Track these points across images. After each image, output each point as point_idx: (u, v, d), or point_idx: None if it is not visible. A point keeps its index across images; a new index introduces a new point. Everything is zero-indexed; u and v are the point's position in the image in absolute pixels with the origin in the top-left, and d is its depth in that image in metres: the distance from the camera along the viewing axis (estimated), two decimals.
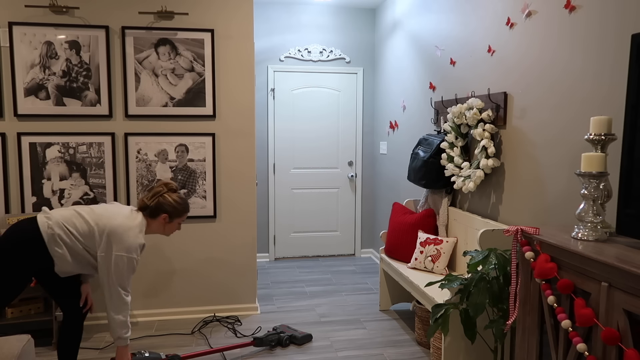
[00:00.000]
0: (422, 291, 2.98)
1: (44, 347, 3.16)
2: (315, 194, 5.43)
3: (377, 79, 5.32)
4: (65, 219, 2.36)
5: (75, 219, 2.38)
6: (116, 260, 2.34)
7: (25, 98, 3.38)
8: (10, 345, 2.06)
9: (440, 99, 3.66)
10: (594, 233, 1.74)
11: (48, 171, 3.45)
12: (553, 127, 2.44)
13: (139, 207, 2.54)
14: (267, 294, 4.25)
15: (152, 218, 2.54)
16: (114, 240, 2.35)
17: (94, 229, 2.37)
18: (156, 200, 2.52)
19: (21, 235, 2.31)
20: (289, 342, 3.23)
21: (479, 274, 2.29)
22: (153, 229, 2.57)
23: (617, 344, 1.43)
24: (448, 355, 2.67)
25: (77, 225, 2.36)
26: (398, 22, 4.60)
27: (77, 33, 3.40)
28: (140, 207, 2.54)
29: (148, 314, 3.66)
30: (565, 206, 2.35)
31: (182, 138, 3.60)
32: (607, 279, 1.49)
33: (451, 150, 3.23)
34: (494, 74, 2.95)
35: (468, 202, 3.31)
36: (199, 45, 3.55)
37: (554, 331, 1.75)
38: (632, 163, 1.63)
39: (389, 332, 3.46)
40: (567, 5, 2.32)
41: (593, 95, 2.17)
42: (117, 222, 2.39)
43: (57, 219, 2.34)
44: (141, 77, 3.51)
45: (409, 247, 3.55)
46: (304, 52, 5.23)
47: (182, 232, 3.67)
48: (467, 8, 3.26)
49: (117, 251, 2.34)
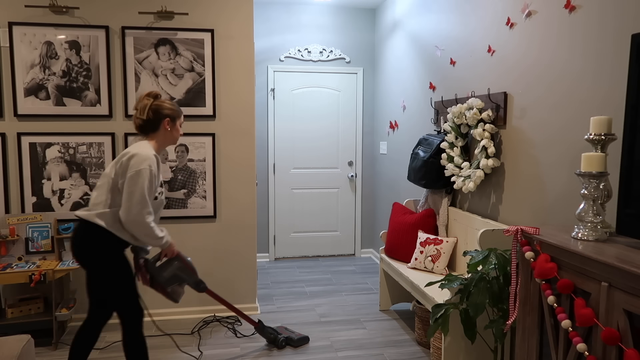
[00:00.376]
0: (422, 291, 2.98)
1: (44, 347, 3.16)
2: (315, 194, 5.43)
3: (377, 79, 5.32)
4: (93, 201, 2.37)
5: (95, 194, 2.37)
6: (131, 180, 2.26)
7: (25, 98, 3.38)
8: (10, 345, 2.06)
9: (440, 99, 3.66)
10: (594, 233, 1.74)
11: (48, 171, 3.46)
12: (553, 127, 2.44)
13: (137, 127, 2.44)
14: (267, 294, 4.25)
15: (155, 131, 2.44)
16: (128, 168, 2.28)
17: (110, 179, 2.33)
18: (150, 111, 2.40)
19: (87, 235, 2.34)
20: (284, 344, 3.21)
21: (479, 274, 2.29)
22: (160, 142, 2.47)
23: (617, 344, 1.43)
24: (448, 355, 2.67)
25: (98, 194, 2.35)
26: (398, 22, 4.60)
27: (77, 33, 3.40)
28: (138, 128, 2.44)
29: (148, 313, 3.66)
30: (565, 206, 2.35)
31: (182, 138, 3.60)
32: (607, 279, 1.49)
33: (451, 150, 3.23)
34: (494, 74, 2.95)
35: (468, 202, 3.31)
36: (199, 45, 3.55)
37: (554, 331, 1.75)
38: (632, 163, 1.63)
39: (389, 332, 3.46)
40: (567, 5, 2.32)
41: (593, 95, 2.17)
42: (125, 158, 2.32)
43: (91, 205, 2.36)
44: (141, 77, 3.51)
45: (409, 247, 3.54)
46: (304, 52, 5.23)
47: (182, 232, 3.67)
48: (467, 8, 3.26)
49: (130, 172, 2.27)
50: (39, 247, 3.34)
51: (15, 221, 3.31)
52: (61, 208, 3.48)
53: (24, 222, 3.33)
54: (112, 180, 2.33)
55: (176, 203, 3.63)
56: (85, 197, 3.51)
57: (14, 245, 3.32)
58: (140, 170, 2.28)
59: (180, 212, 3.64)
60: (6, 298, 3.32)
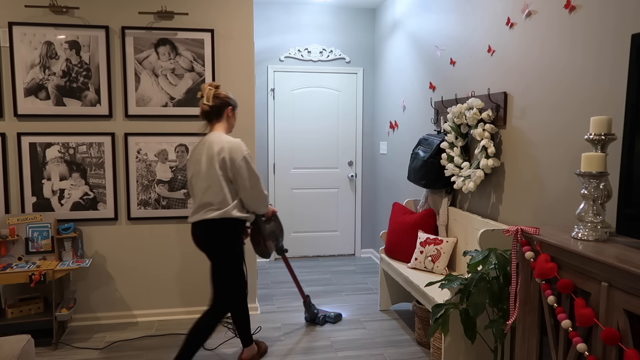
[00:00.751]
0: (422, 291, 2.98)
1: (44, 347, 3.16)
2: (315, 194, 5.43)
3: (377, 79, 5.32)
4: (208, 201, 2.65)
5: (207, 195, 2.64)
6: (243, 168, 2.62)
7: (25, 98, 3.38)
8: (10, 345, 2.06)
9: (440, 99, 3.66)
10: (594, 233, 1.74)
11: (48, 171, 3.45)
12: (553, 127, 2.44)
13: (203, 113, 2.73)
14: (267, 294, 4.25)
15: (219, 118, 2.74)
16: (233, 161, 2.61)
17: (218, 177, 2.61)
18: (216, 99, 2.70)
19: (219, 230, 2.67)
20: (324, 321, 3.59)
21: (479, 274, 2.29)
22: (225, 129, 2.76)
23: (617, 344, 1.43)
24: (448, 355, 2.67)
25: (213, 193, 2.63)
26: (398, 22, 4.60)
27: (77, 33, 3.40)
28: (204, 114, 2.73)
29: (148, 314, 3.66)
30: (565, 206, 2.35)
31: (182, 138, 3.60)
32: (607, 279, 1.49)
33: (451, 150, 3.23)
34: (494, 74, 2.95)
35: (468, 202, 3.31)
36: (199, 45, 3.55)
37: (554, 331, 1.75)
38: (632, 163, 1.63)
39: (389, 332, 3.46)
40: (567, 5, 2.32)
41: (593, 95, 2.17)
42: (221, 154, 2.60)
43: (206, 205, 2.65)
44: (141, 77, 3.51)
45: (409, 247, 3.54)
46: (304, 52, 5.23)
47: (182, 232, 3.67)
48: (467, 8, 3.26)
49: (238, 163, 2.61)
50: (39, 247, 3.34)
51: (15, 221, 3.31)
52: (61, 208, 3.48)
53: (24, 222, 3.33)
54: (221, 177, 2.62)
55: (176, 203, 3.63)
56: (85, 197, 3.51)
57: (14, 245, 3.32)
58: (244, 157, 2.64)
59: (180, 212, 3.63)
60: (6, 298, 3.32)
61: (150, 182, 3.59)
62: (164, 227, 3.64)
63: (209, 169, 2.62)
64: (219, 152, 2.60)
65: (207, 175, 2.62)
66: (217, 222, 2.64)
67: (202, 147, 2.68)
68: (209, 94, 2.69)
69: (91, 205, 3.52)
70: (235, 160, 2.61)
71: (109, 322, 3.61)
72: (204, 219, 2.65)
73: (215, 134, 2.70)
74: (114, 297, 3.62)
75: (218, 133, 2.70)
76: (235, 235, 2.72)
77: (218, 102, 2.71)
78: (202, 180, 2.64)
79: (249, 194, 2.68)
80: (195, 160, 2.70)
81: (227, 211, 2.62)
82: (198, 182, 2.67)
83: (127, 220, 3.59)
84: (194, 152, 2.75)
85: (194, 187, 2.71)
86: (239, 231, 2.75)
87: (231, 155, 2.60)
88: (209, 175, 2.62)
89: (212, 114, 2.72)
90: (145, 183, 3.58)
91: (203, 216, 2.64)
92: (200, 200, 2.66)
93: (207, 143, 2.67)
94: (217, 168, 2.60)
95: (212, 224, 2.65)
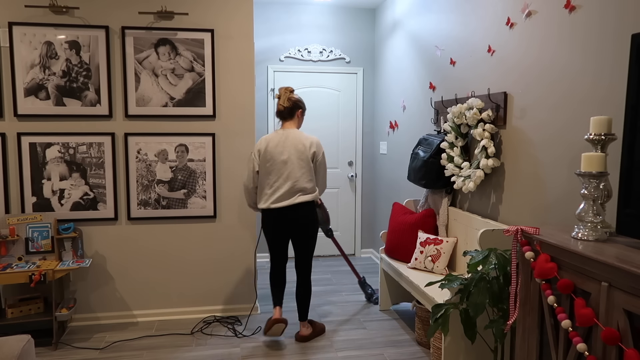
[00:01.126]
0: (422, 291, 2.98)
1: (44, 347, 3.16)
2: None
3: (377, 79, 5.32)
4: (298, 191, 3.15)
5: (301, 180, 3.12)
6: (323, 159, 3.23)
7: (25, 98, 3.38)
8: (10, 345, 2.06)
9: (440, 99, 3.66)
10: (594, 233, 1.74)
11: (48, 171, 3.46)
12: (553, 126, 2.44)
13: (279, 113, 3.20)
14: (267, 294, 4.25)
15: (291, 117, 3.21)
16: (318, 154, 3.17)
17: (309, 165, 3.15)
18: (290, 101, 3.18)
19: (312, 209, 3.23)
20: (377, 301, 3.95)
21: (479, 274, 2.29)
22: (295, 127, 3.23)
23: (617, 344, 1.43)
24: (448, 355, 2.67)
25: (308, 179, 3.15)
26: (398, 22, 4.60)
27: (77, 33, 3.40)
28: (279, 113, 3.20)
29: (148, 314, 3.66)
30: (565, 206, 2.35)
31: (182, 138, 3.60)
32: (607, 279, 1.49)
33: (451, 150, 3.23)
34: (494, 74, 2.95)
35: (468, 202, 3.31)
36: (199, 45, 3.55)
37: (554, 331, 1.75)
38: (632, 163, 1.63)
39: (389, 332, 3.46)
40: (567, 5, 2.32)
41: (593, 95, 2.17)
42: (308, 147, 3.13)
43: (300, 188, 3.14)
44: (141, 77, 3.51)
45: (409, 247, 3.54)
46: (304, 52, 5.23)
47: (182, 232, 3.67)
48: (467, 8, 3.26)
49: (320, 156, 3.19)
50: (39, 247, 3.34)
51: (15, 221, 3.31)
52: (61, 208, 3.48)
53: (24, 222, 3.33)
54: (311, 167, 3.15)
55: (176, 203, 3.63)
56: (85, 197, 3.51)
57: (14, 245, 3.32)
58: (323, 152, 3.23)
59: (180, 212, 3.64)
60: (6, 298, 3.32)
61: (150, 182, 3.59)
62: (164, 227, 3.65)
63: (300, 159, 3.10)
64: (310, 147, 3.13)
65: (299, 165, 3.10)
66: (310, 204, 3.17)
67: (285, 141, 3.12)
68: (284, 97, 3.17)
69: (91, 205, 3.52)
70: (319, 154, 3.18)
71: (109, 322, 3.61)
72: (299, 202, 3.10)
73: (294, 131, 3.18)
74: (114, 297, 3.62)
75: (295, 130, 3.19)
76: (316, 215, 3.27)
77: (291, 104, 3.18)
78: (295, 169, 3.09)
79: (322, 181, 3.27)
80: (279, 151, 3.10)
81: (315, 195, 3.19)
82: (287, 170, 3.09)
83: (127, 220, 3.60)
84: (272, 143, 3.13)
85: (280, 173, 3.10)
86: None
87: (317, 149, 3.16)
88: (301, 165, 3.10)
89: (285, 114, 3.19)
90: (145, 183, 3.58)
91: (297, 200, 3.10)
92: (292, 186, 3.09)
93: (290, 137, 3.13)
94: (309, 159, 3.12)
95: (307, 206, 3.15)
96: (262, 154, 3.15)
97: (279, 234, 3.24)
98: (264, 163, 3.14)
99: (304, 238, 3.24)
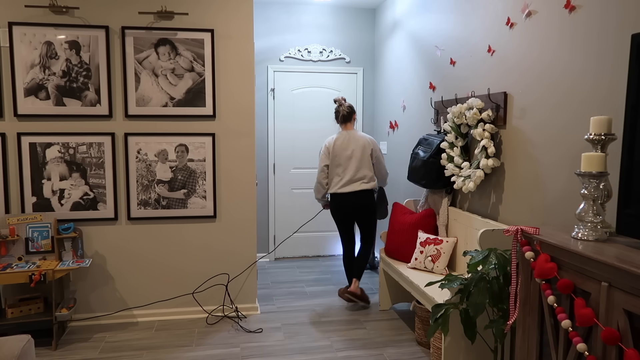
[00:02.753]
0: (422, 291, 2.98)
1: (44, 347, 3.16)
2: None
3: (377, 79, 5.32)
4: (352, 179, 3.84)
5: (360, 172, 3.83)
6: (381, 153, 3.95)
7: (25, 98, 3.38)
8: (10, 345, 2.06)
9: (440, 99, 3.66)
10: (594, 233, 1.74)
11: (48, 171, 3.45)
12: (553, 126, 2.44)
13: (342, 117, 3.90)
14: (267, 294, 4.25)
15: (350, 121, 3.91)
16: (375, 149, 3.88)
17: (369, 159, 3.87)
18: (350, 107, 3.91)
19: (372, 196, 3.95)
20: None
21: (479, 274, 2.29)
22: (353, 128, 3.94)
23: (617, 344, 1.43)
24: (448, 355, 2.67)
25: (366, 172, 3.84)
26: (398, 22, 4.60)
27: (77, 33, 3.40)
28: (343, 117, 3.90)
29: (148, 314, 3.66)
30: (565, 206, 2.35)
31: (182, 138, 3.60)
32: (607, 279, 1.49)
33: (451, 150, 3.23)
34: (494, 74, 2.95)
35: (468, 202, 3.31)
36: (199, 45, 3.55)
37: (554, 331, 1.75)
38: (632, 163, 1.63)
39: (389, 332, 3.46)
40: (567, 5, 2.32)
41: (593, 95, 2.17)
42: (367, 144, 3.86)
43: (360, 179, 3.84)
44: (141, 77, 3.51)
45: (409, 247, 3.54)
46: (303, 52, 5.23)
47: (182, 232, 3.67)
48: (467, 8, 3.26)
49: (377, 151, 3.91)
50: (39, 247, 3.34)
51: (15, 221, 3.31)
52: (61, 208, 3.48)
53: (24, 222, 3.33)
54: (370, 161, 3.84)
55: (176, 203, 3.63)
56: (85, 197, 3.51)
57: (14, 245, 3.32)
58: (380, 148, 3.96)
59: (180, 212, 3.64)
60: (6, 298, 3.32)
61: (150, 182, 3.59)
62: (164, 227, 3.65)
63: (363, 154, 3.80)
64: (369, 144, 3.84)
65: (361, 158, 3.80)
66: (371, 190, 3.86)
67: (349, 139, 3.83)
68: (345, 104, 3.90)
69: (91, 205, 3.52)
70: (377, 150, 3.90)
71: (109, 322, 3.61)
72: (360, 190, 3.79)
73: (355, 132, 3.90)
74: (114, 297, 3.62)
75: (354, 130, 3.91)
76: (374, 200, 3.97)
77: (350, 109, 3.90)
78: (356, 161, 3.79)
79: (383, 172, 3.97)
80: (344, 147, 3.82)
81: (374, 184, 3.88)
82: (351, 162, 3.79)
83: (127, 220, 3.60)
84: (339, 141, 3.84)
85: (346, 166, 3.79)
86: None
87: (374, 146, 3.89)
88: (362, 158, 3.80)
89: (347, 117, 3.89)
90: (145, 183, 3.58)
91: (359, 187, 3.79)
92: (354, 175, 3.78)
93: (353, 137, 3.84)
94: (368, 155, 3.82)
95: (368, 192, 3.84)
96: (332, 150, 3.85)
97: (344, 215, 3.90)
98: (333, 158, 3.84)
99: (364, 219, 3.91)
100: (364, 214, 3.89)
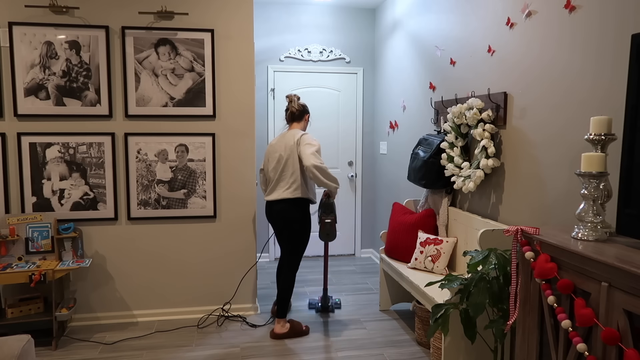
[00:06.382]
0: (422, 291, 2.98)
1: (44, 347, 3.16)
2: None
3: (377, 79, 5.32)
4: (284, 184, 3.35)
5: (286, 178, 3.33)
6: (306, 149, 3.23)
7: (25, 98, 3.38)
8: (10, 345, 2.06)
9: (440, 99, 3.66)
10: (594, 233, 1.74)
11: (48, 171, 3.45)
12: (553, 127, 2.44)
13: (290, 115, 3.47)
14: (267, 294, 4.25)
15: (299, 121, 3.48)
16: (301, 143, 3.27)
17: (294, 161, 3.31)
18: (300, 106, 3.47)
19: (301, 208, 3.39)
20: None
21: (479, 274, 2.29)
22: (301, 128, 3.47)
23: (617, 344, 1.43)
24: (448, 355, 2.67)
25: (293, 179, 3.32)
26: (398, 22, 4.60)
27: (77, 33, 3.40)
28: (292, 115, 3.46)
29: (148, 314, 3.66)
30: (565, 206, 2.35)
31: (182, 138, 3.60)
32: (607, 279, 1.49)
33: (451, 150, 3.23)
34: (494, 74, 2.95)
35: (468, 202, 3.31)
36: (199, 45, 3.55)
37: (554, 331, 1.75)
38: (632, 163, 1.63)
39: (389, 332, 3.46)
40: (567, 5, 2.32)
41: (593, 95, 2.17)
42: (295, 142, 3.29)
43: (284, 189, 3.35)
44: (141, 77, 3.51)
45: (409, 247, 3.54)
46: (304, 52, 5.23)
47: (182, 232, 3.67)
48: (467, 8, 3.26)
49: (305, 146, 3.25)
50: (39, 247, 3.34)
51: (15, 221, 3.31)
52: (61, 208, 3.48)
53: (24, 222, 3.33)
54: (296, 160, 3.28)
55: (176, 203, 3.63)
56: (85, 197, 3.51)
57: (14, 245, 3.32)
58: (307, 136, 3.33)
59: (180, 212, 3.64)
60: (6, 298, 3.32)
61: (150, 182, 3.59)
62: (163, 227, 3.65)
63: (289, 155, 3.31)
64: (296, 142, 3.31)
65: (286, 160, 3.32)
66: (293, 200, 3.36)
67: (282, 139, 3.39)
68: (296, 102, 3.48)
69: (91, 205, 3.52)
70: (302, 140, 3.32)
71: (109, 322, 3.61)
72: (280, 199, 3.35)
73: (292, 130, 3.42)
74: (113, 297, 3.62)
75: (296, 129, 3.42)
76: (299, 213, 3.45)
77: (301, 108, 3.48)
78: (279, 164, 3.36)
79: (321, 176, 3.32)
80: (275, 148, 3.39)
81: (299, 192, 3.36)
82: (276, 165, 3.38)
83: (127, 220, 3.60)
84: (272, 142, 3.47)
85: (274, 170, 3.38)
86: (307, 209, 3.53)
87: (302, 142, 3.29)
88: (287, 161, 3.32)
89: (295, 117, 3.47)
90: (145, 183, 3.58)
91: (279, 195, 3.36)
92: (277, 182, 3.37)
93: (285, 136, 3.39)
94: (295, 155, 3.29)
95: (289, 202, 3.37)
96: (265, 153, 3.51)
97: (273, 227, 3.49)
98: (266, 161, 3.49)
99: (285, 235, 3.42)
100: (285, 229, 3.38)
